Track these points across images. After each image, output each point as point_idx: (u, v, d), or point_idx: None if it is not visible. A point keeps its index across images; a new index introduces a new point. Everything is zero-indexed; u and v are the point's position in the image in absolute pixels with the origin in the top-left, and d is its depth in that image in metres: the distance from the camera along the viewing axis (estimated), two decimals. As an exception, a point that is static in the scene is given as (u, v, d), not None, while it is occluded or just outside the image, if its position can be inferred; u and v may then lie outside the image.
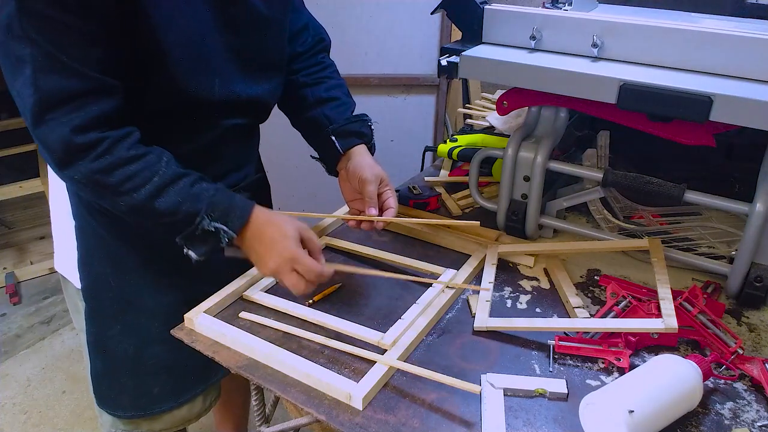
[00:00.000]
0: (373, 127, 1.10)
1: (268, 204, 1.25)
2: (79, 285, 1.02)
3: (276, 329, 0.89)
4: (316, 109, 1.08)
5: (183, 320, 0.91)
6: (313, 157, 1.13)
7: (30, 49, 0.72)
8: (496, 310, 0.93)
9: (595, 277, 1.02)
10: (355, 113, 1.10)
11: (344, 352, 0.84)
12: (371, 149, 1.09)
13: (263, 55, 0.97)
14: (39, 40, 0.72)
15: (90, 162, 0.77)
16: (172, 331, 0.90)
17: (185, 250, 0.85)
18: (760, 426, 0.73)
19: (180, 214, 0.82)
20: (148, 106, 0.86)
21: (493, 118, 1.41)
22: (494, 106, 1.35)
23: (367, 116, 1.10)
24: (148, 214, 0.82)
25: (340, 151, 1.05)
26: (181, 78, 0.84)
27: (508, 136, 1.23)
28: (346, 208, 1.13)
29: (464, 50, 1.01)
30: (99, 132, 0.78)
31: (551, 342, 0.84)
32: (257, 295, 0.95)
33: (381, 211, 1.01)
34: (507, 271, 1.04)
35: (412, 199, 1.23)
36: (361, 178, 1.00)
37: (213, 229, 0.83)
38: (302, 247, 0.87)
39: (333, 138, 1.05)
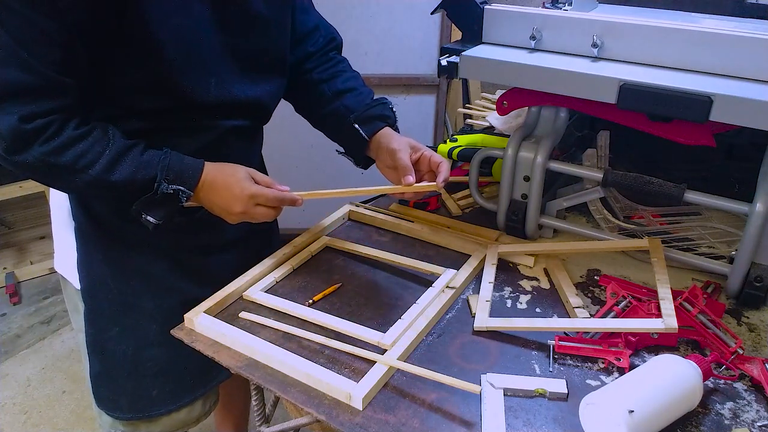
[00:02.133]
0: (395, 109, 1.07)
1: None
2: (78, 286, 1.02)
3: (276, 329, 0.88)
4: (335, 102, 1.06)
5: (180, 323, 0.91)
6: (339, 152, 1.11)
7: None
8: (496, 310, 0.93)
9: (595, 277, 1.02)
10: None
11: (344, 352, 0.84)
12: (397, 131, 1.06)
13: (262, 56, 0.96)
14: (3, 31, 0.73)
15: (40, 145, 0.78)
16: (172, 331, 0.90)
17: (143, 217, 0.87)
18: (760, 426, 0.73)
19: (137, 182, 0.83)
20: (144, 104, 0.86)
21: (493, 118, 1.41)
22: (494, 106, 1.35)
23: (387, 99, 1.08)
24: (105, 188, 0.83)
25: (366, 137, 1.02)
26: (174, 77, 0.84)
27: (508, 136, 1.23)
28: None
29: (464, 50, 1.01)
30: (45, 118, 0.78)
31: (551, 342, 0.84)
32: (257, 295, 0.95)
33: (433, 175, 0.97)
34: (507, 271, 1.04)
35: (412, 199, 1.23)
36: (389, 149, 0.98)
37: (172, 191, 0.85)
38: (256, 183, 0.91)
39: (356, 126, 1.02)
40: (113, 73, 0.82)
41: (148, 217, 0.87)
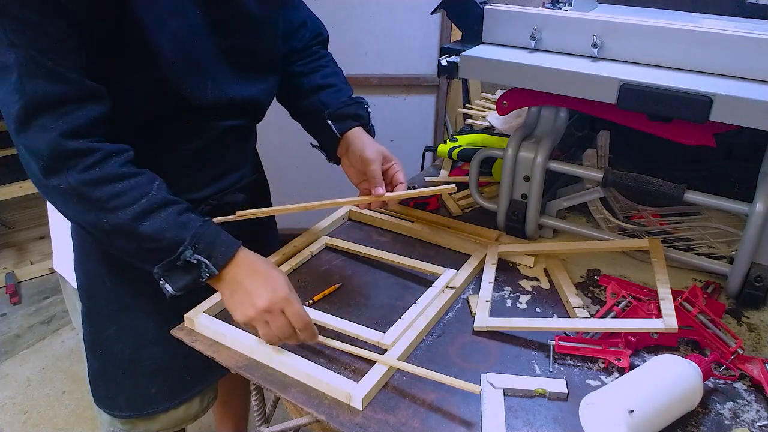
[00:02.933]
0: (370, 109, 1.08)
1: (267, 204, 1.25)
2: (76, 285, 1.02)
3: (276, 329, 0.88)
4: (312, 97, 1.07)
5: (179, 321, 0.91)
6: (314, 146, 1.12)
7: (14, 55, 0.71)
8: (496, 310, 0.93)
9: (595, 277, 1.02)
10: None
11: (344, 352, 0.84)
12: (370, 132, 1.07)
13: (256, 56, 0.96)
14: (21, 44, 0.71)
15: (78, 173, 0.75)
16: (172, 330, 0.90)
17: (162, 283, 0.81)
18: (760, 426, 0.73)
19: (164, 240, 0.78)
20: (142, 109, 0.86)
21: (493, 118, 1.41)
22: (494, 106, 1.35)
23: (363, 99, 1.08)
24: (131, 236, 0.78)
25: (337, 134, 1.03)
26: (172, 81, 0.83)
27: (508, 136, 1.23)
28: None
29: (464, 50, 1.01)
30: (91, 140, 0.76)
31: (551, 342, 0.84)
32: (257, 295, 0.95)
33: (391, 188, 0.99)
34: (507, 271, 1.04)
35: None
36: (362, 157, 0.98)
37: (195, 261, 0.79)
38: None
39: (329, 122, 1.03)
40: (113, 75, 0.82)
41: (167, 285, 0.81)
